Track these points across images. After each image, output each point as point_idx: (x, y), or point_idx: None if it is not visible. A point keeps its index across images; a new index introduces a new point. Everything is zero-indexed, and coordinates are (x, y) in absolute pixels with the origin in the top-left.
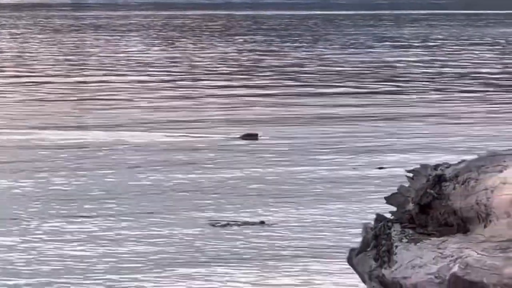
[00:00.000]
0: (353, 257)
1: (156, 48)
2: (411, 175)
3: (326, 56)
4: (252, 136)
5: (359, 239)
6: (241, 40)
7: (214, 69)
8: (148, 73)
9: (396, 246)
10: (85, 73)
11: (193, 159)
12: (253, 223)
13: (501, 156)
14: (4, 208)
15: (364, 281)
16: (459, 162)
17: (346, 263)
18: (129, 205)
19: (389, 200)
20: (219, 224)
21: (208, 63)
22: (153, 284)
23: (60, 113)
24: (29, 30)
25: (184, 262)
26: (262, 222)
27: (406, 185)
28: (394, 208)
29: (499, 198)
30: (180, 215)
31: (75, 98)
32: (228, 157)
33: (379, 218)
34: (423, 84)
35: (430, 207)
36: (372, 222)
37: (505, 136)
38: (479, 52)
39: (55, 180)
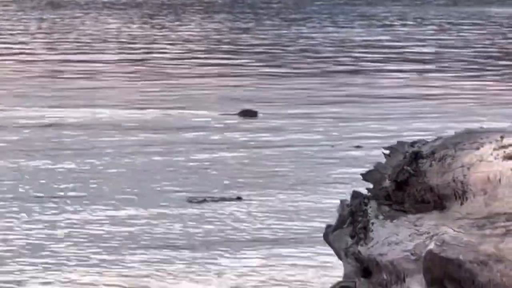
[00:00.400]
0: (329, 234)
1: (135, 26)
2: (387, 152)
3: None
4: (252, 114)
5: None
6: (222, 18)
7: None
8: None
9: (373, 223)
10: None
11: (175, 139)
12: (230, 199)
13: (478, 133)
14: None
15: (340, 258)
16: (436, 139)
17: (320, 243)
18: (108, 186)
19: (365, 177)
20: (196, 201)
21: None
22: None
23: (36, 90)
24: (5, 8)
25: (148, 243)
26: (239, 198)
27: (383, 162)
28: (370, 185)
29: (476, 176)
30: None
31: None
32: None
33: (356, 194)
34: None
35: (407, 184)
36: (349, 199)
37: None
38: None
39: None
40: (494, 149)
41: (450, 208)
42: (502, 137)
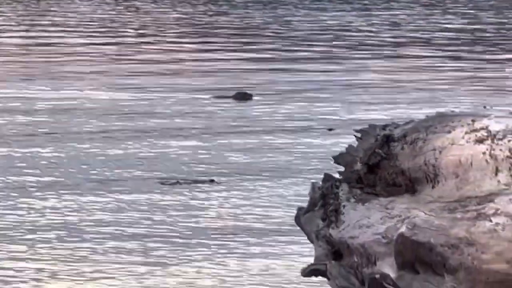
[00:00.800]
0: (301, 216)
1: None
2: (359, 135)
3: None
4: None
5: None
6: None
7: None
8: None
9: (344, 206)
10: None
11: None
12: (203, 181)
13: (449, 117)
14: None
15: (311, 240)
16: (408, 123)
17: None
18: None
19: (337, 159)
20: (168, 183)
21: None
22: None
23: (6, 72)
24: None
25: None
26: (212, 181)
27: (355, 145)
28: (342, 168)
29: (447, 159)
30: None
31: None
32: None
33: (327, 177)
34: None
35: (378, 167)
36: (320, 182)
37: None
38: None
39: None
40: (466, 133)
41: (421, 192)
42: (473, 121)
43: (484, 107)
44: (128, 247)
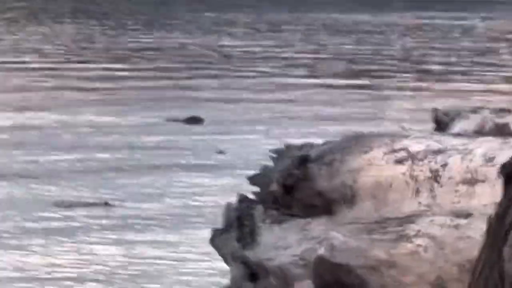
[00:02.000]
0: (216, 238)
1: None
2: (275, 155)
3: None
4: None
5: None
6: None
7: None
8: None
9: (260, 227)
10: None
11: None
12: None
13: (367, 137)
14: None
15: (227, 262)
16: (324, 143)
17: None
18: None
19: (252, 180)
20: (63, 205)
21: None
22: None
23: None
24: None
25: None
26: (106, 204)
27: (270, 165)
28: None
29: (365, 180)
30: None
31: None
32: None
33: (242, 198)
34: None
35: (295, 188)
36: (234, 202)
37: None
38: None
39: None
40: (385, 153)
41: (339, 213)
42: (392, 141)
43: (402, 127)
44: None
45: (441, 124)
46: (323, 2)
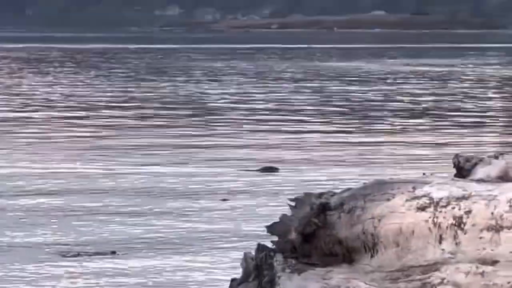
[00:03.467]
0: None
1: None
2: (293, 203)
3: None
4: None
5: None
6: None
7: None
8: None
9: (279, 277)
10: None
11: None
12: (105, 253)
13: (388, 184)
14: None
15: None
16: (345, 190)
17: None
18: None
19: (270, 229)
20: (69, 255)
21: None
22: None
23: None
24: None
25: None
26: (113, 252)
27: (289, 213)
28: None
29: (387, 227)
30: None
31: None
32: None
33: (261, 248)
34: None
35: (314, 236)
36: (253, 252)
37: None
38: None
39: None
40: (407, 200)
41: (359, 261)
42: (414, 188)
43: (424, 173)
44: None
45: (463, 170)
46: None
